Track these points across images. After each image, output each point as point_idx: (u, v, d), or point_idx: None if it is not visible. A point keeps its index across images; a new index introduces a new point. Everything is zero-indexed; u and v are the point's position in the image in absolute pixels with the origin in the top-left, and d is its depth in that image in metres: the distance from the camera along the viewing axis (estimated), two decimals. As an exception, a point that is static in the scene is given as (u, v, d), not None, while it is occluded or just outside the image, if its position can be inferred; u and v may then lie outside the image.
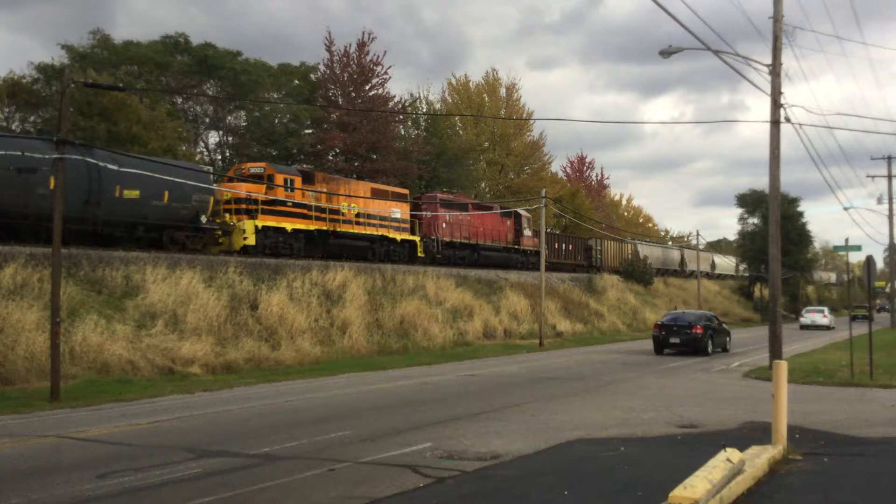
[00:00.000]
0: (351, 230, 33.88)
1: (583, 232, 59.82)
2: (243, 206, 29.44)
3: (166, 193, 25.71)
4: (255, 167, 31.08)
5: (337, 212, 33.11)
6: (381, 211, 35.80)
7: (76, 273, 22.55)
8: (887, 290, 75.85)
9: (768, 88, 22.74)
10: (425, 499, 8.66)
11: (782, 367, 11.02)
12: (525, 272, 45.68)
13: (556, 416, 14.93)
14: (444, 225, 40.54)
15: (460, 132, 61.99)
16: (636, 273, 59.59)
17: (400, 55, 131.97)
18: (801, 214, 70.59)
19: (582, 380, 21.84)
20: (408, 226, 37.86)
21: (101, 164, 23.17)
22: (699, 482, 7.50)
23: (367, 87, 49.85)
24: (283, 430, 13.28)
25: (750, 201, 70.45)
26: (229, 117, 47.32)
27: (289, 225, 30.75)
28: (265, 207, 29.70)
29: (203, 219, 27.43)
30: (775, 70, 22.59)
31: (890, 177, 58.03)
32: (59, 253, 18.08)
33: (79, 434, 13.00)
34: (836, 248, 63.25)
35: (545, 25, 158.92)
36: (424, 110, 58.58)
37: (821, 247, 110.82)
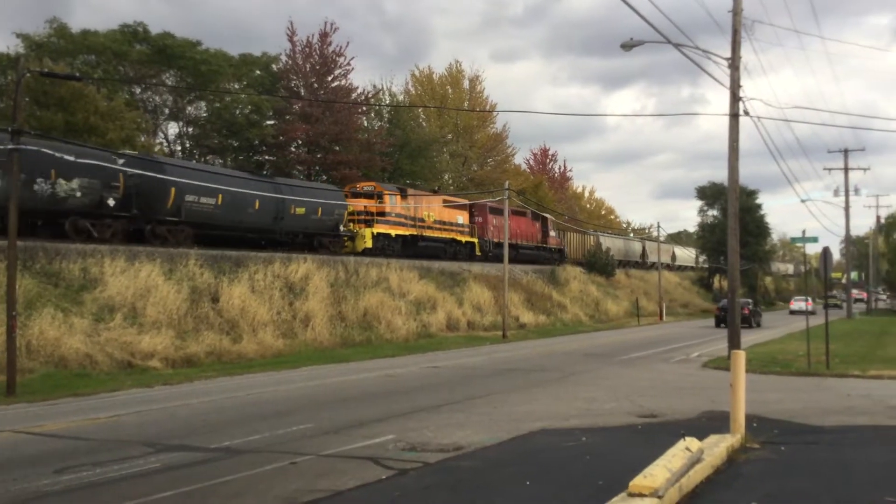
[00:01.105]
0: (432, 234, 41.91)
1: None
2: (362, 217, 37.44)
3: (319, 209, 34.27)
4: (367, 186, 39.53)
5: (423, 220, 41.00)
6: (450, 218, 43.99)
7: (32, 266, 22.13)
8: (843, 281, 77.27)
9: (727, 82, 22.99)
10: (388, 491, 8.66)
11: (740, 357, 11.19)
12: (488, 264, 45.79)
13: (519, 407, 15.00)
14: (492, 228, 47.85)
15: (423, 124, 61.85)
16: (598, 265, 60.00)
17: (363, 46, 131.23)
18: (759, 206, 71.51)
19: (544, 371, 21.96)
20: (468, 229, 46.01)
21: (286, 197, 32.62)
22: (659, 471, 7.58)
23: (329, 79, 49.52)
24: (245, 423, 13.19)
25: (709, 194, 71.23)
26: (189, 108, 46.65)
27: (393, 231, 38.69)
28: (378, 218, 37.77)
29: (341, 227, 36.11)
30: (734, 63, 22.83)
31: (846, 169, 59.07)
32: (14, 245, 17.78)
33: (35, 429, 12.81)
34: (794, 240, 64.19)
35: (509, 18, 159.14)
36: (387, 102, 58.38)
37: (778, 238, 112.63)
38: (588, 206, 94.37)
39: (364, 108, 53.54)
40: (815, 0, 57.65)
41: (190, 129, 46.97)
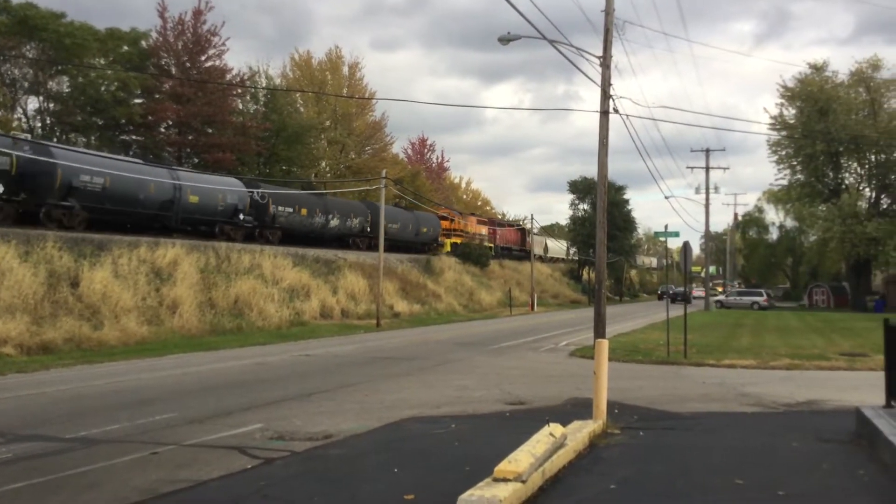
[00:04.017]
0: (474, 242, 63.66)
1: (422, 214, 60.60)
2: (443, 232, 59.10)
3: (431, 228, 56.15)
4: (444, 213, 61.65)
5: (468, 232, 63.78)
6: (479, 230, 66.56)
7: None
8: (703, 274, 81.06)
9: (599, 80, 23.62)
10: (252, 480, 8.50)
11: (604, 345, 11.55)
12: (364, 252, 45.68)
13: (391, 395, 15.02)
14: (498, 237, 70.76)
15: (301, 109, 60.93)
16: (473, 255, 60.84)
17: (240, 27, 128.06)
18: (626, 202, 74.20)
19: (417, 359, 22.07)
20: (488, 237, 67.56)
21: (419, 221, 55.03)
22: (523, 456, 7.74)
23: (203, 58, 48.07)
24: (104, 412, 12.66)
25: (581, 188, 73.29)
26: (51, 82, 44.27)
27: (458, 240, 61.22)
28: (452, 232, 60.89)
29: (439, 239, 57.72)
30: (606, 62, 23.48)
31: (707, 168, 62.02)
32: None
33: None
34: (657, 234, 66.93)
35: (389, 6, 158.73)
36: (264, 85, 57.16)
37: (644, 233, 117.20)
38: (465, 196, 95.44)
39: (239, 91, 52.24)
40: (684, 5, 60.11)
41: (51, 105, 44.61)
